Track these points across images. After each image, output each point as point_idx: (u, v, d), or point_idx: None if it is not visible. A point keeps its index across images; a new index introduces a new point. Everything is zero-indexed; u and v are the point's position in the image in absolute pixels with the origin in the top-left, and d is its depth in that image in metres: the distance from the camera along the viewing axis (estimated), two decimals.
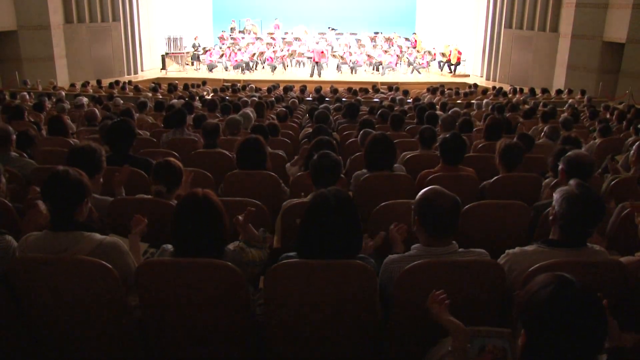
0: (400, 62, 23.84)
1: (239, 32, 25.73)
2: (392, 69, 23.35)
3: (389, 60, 23.30)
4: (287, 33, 25.18)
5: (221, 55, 23.44)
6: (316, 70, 22.15)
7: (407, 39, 24.95)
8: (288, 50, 23.66)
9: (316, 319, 2.38)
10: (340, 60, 23.37)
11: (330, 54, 23.41)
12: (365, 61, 23.59)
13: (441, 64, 24.09)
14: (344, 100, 11.82)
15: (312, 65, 22.32)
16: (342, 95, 14.37)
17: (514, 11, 21.26)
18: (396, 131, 6.86)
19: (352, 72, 22.99)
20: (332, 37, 24.71)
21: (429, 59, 24.18)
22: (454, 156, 4.25)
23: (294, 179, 4.49)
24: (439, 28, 25.51)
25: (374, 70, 23.60)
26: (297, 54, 23.47)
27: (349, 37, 24.74)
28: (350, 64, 23.14)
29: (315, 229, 2.36)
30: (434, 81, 20.39)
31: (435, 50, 24.35)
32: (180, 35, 23.60)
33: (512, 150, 4.14)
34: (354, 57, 23.37)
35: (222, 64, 23.25)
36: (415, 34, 25.56)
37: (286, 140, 6.47)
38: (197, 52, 23.75)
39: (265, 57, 23.38)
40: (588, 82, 17.50)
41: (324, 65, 22.69)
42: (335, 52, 23.69)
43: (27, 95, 12.60)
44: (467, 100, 14.07)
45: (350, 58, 23.33)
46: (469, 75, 23.65)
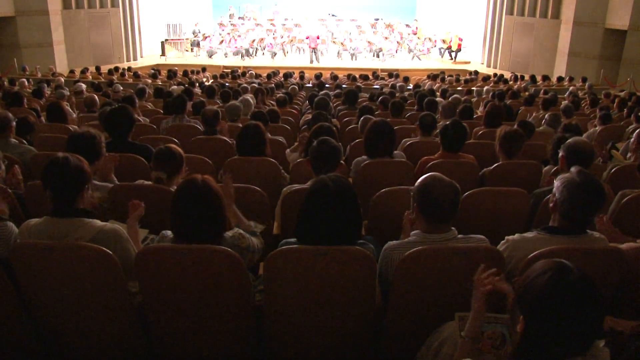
0: (400, 49, 23.73)
1: (239, 18, 25.59)
2: (393, 56, 23.24)
3: (389, 47, 23.19)
4: (287, 19, 25.04)
5: (221, 42, 23.32)
6: (314, 57, 22.05)
7: (407, 26, 24.82)
8: (288, 36, 23.54)
9: (315, 305, 2.39)
10: (341, 47, 23.27)
11: (331, 40, 23.30)
12: (366, 48, 23.48)
13: (442, 50, 23.99)
14: (344, 86, 11.78)
15: (310, 52, 22.22)
16: (342, 82, 14.33)
17: None
18: (396, 118, 6.85)
19: (352, 59, 22.90)
20: (333, 23, 24.58)
21: (429, 45, 24.08)
22: (454, 143, 4.25)
23: (294, 165, 4.49)
24: (440, 14, 25.36)
25: (374, 56, 23.50)
26: (297, 40, 23.35)
27: (349, 24, 24.61)
28: (351, 50, 23.03)
29: (315, 215, 2.36)
30: (434, 68, 20.30)
31: (435, 37, 24.23)
32: (179, 22, 23.47)
33: (512, 137, 4.14)
34: (354, 44, 23.25)
35: (221, 50, 23.13)
36: (416, 21, 25.42)
37: (286, 127, 6.46)
38: (196, 38, 23.63)
39: (265, 44, 23.27)
40: (589, 70, 17.44)
41: (324, 51, 22.59)
42: (335, 38, 23.58)
43: (26, 82, 12.56)
44: (468, 87, 14.02)
45: (350, 44, 23.22)
46: (469, 62, 23.55)
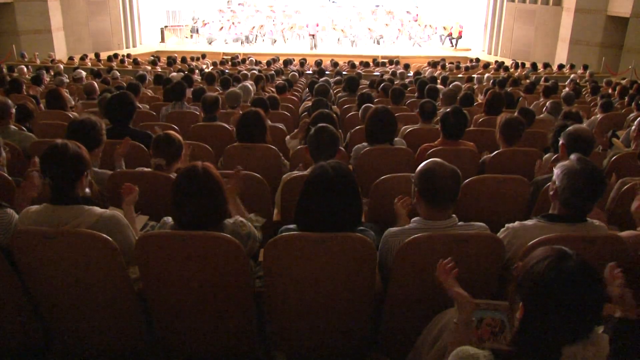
0: (401, 36, 23.62)
1: (238, 4, 25.43)
2: (393, 43, 23.14)
3: (389, 34, 23.08)
4: (287, 6, 24.90)
5: (220, 28, 23.21)
6: (313, 43, 21.96)
7: (408, 12, 24.68)
8: (288, 23, 23.43)
9: (315, 291, 2.40)
10: (341, 34, 23.16)
11: (331, 27, 23.19)
12: (366, 34, 23.37)
13: (442, 37, 23.88)
14: (344, 73, 11.74)
15: (310, 38, 22.13)
16: (343, 69, 14.28)
17: None
18: (397, 105, 6.84)
19: (352, 45, 22.79)
20: (333, 9, 24.45)
21: (430, 32, 23.96)
22: (454, 130, 4.24)
23: (294, 152, 4.48)
24: (441, 1, 25.20)
25: (374, 43, 23.39)
26: (297, 26, 23.24)
27: (350, 10, 24.47)
28: (351, 37, 22.93)
29: (315, 202, 2.35)
30: (435, 55, 20.23)
31: (436, 23, 24.10)
32: (178, 8, 23.33)
33: (512, 124, 4.13)
34: (355, 30, 23.14)
35: (221, 36, 23.02)
36: (417, 7, 25.27)
37: (286, 114, 6.44)
38: (195, 25, 23.51)
39: (265, 30, 23.15)
40: (591, 57, 17.36)
41: (324, 37, 22.49)
42: (335, 25, 23.46)
43: (25, 69, 12.51)
44: (468, 74, 13.98)
45: (350, 31, 23.11)
46: (470, 49, 23.46)
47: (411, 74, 13.85)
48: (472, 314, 1.99)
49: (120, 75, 11.81)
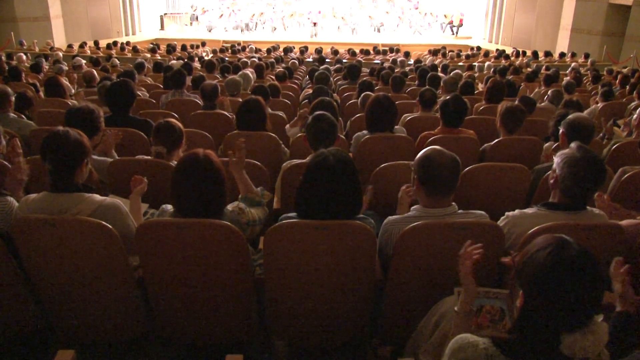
0: (401, 23, 23.51)
1: None
2: (394, 30, 23.03)
3: (390, 21, 22.97)
4: None
5: (220, 16, 23.09)
6: (314, 31, 21.87)
7: (409, 0, 24.54)
8: (288, 10, 23.31)
9: (315, 279, 2.40)
10: (341, 21, 23.05)
11: (332, 15, 23.08)
12: (367, 22, 23.25)
13: (443, 25, 23.76)
14: (344, 61, 11.70)
15: (311, 26, 22.04)
16: (343, 57, 14.22)
17: None
18: (397, 93, 6.82)
19: (353, 33, 22.69)
20: None
21: (431, 20, 23.83)
22: (454, 118, 4.23)
23: (294, 140, 4.48)
24: None
25: (375, 31, 23.28)
26: (297, 14, 23.13)
27: None
28: (352, 24, 22.82)
29: (315, 189, 2.35)
30: (435, 43, 20.14)
31: (437, 11, 23.98)
32: None
33: (513, 113, 4.12)
34: (355, 18, 23.03)
35: (221, 24, 22.91)
36: None
37: (286, 102, 6.42)
38: (195, 12, 23.38)
39: (265, 18, 23.03)
40: (592, 46, 17.27)
41: (324, 25, 22.40)
42: (336, 12, 23.35)
43: (24, 56, 12.46)
44: (469, 62, 13.92)
45: (351, 19, 22.99)
46: (471, 37, 23.34)
47: (412, 62, 13.81)
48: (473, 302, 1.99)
49: (119, 62, 11.77)
